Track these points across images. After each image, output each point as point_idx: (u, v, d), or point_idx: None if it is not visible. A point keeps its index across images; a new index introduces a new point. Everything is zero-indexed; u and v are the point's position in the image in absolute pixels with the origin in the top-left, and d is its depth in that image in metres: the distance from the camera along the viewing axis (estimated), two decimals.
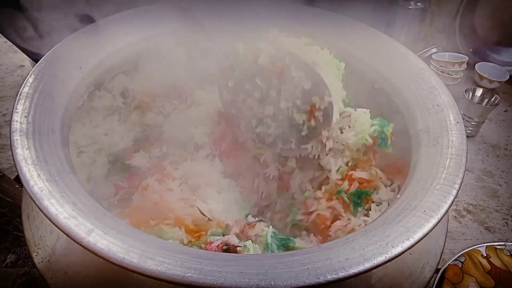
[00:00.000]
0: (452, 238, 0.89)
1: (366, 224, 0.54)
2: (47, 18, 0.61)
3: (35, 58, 0.56)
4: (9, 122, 0.56)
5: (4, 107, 1.16)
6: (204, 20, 0.65)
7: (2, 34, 0.94)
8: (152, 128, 0.72)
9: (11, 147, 0.44)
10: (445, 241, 0.54)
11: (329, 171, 0.64)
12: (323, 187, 0.64)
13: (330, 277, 0.36)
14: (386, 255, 0.39)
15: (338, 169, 0.63)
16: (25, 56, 1.20)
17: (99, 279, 0.44)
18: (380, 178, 0.62)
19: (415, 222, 0.42)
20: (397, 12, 1.17)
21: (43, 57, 0.55)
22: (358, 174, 0.62)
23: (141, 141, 0.71)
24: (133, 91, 0.69)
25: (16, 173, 0.86)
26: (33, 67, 0.54)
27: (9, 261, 0.77)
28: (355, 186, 0.61)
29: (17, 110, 0.48)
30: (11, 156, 0.44)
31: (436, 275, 0.70)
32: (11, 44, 0.99)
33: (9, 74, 1.29)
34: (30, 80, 0.52)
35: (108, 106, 0.66)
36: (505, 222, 0.94)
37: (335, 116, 0.61)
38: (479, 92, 1.15)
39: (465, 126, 0.54)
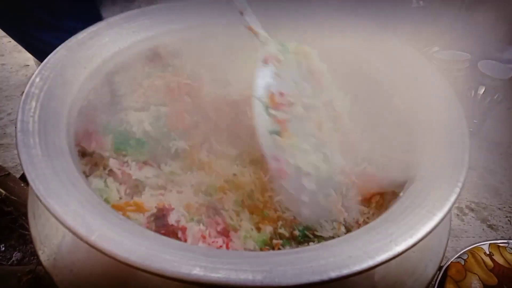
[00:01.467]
0: (455, 235, 0.89)
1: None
2: None
3: (40, 57, 0.56)
4: (14, 121, 0.56)
5: (9, 106, 1.16)
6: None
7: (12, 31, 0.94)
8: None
9: (16, 146, 0.45)
10: (448, 239, 0.54)
11: None
12: None
13: (333, 274, 0.37)
14: (390, 252, 0.39)
15: None
16: (29, 55, 1.21)
17: (104, 277, 0.44)
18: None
19: (418, 220, 0.42)
20: (399, 10, 1.16)
21: (48, 57, 0.56)
22: None
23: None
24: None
25: (21, 172, 0.87)
26: (37, 66, 0.54)
27: (14, 259, 0.77)
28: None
29: (23, 110, 0.48)
30: (16, 155, 0.44)
31: (439, 273, 0.70)
32: (16, 43, 1.00)
33: (13, 73, 1.30)
34: (36, 79, 0.52)
35: None
36: (508, 220, 0.94)
37: None
38: (481, 90, 1.15)
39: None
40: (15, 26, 0.93)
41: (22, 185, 0.81)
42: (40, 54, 0.56)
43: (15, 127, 0.47)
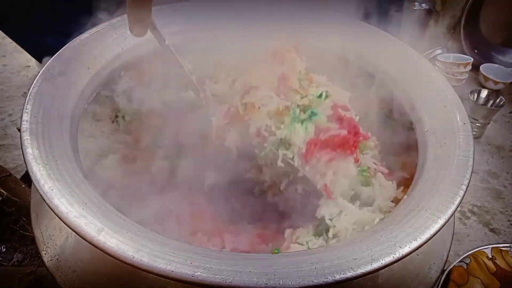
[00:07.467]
0: (457, 239, 0.89)
1: None
2: None
3: (41, 59, 0.56)
4: (15, 122, 0.56)
5: (10, 107, 1.16)
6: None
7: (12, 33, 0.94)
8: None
9: (21, 146, 0.45)
10: (451, 242, 0.54)
11: None
12: None
13: (338, 277, 0.37)
14: (394, 255, 0.39)
15: None
16: (30, 56, 1.20)
17: (108, 277, 0.44)
18: None
19: (422, 222, 0.42)
20: (401, 12, 1.17)
21: (52, 58, 0.56)
22: None
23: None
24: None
25: (22, 173, 0.87)
26: (38, 67, 0.54)
27: (15, 259, 0.77)
28: None
29: (27, 110, 0.48)
30: (17, 156, 0.44)
31: (441, 277, 0.70)
32: (16, 44, 1.00)
33: (14, 74, 1.29)
34: (40, 80, 0.52)
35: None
36: (510, 224, 0.94)
37: None
38: (484, 93, 1.15)
39: None
40: (17, 31, 0.93)
41: (23, 186, 0.80)
42: (42, 57, 0.56)
43: (19, 128, 0.46)
